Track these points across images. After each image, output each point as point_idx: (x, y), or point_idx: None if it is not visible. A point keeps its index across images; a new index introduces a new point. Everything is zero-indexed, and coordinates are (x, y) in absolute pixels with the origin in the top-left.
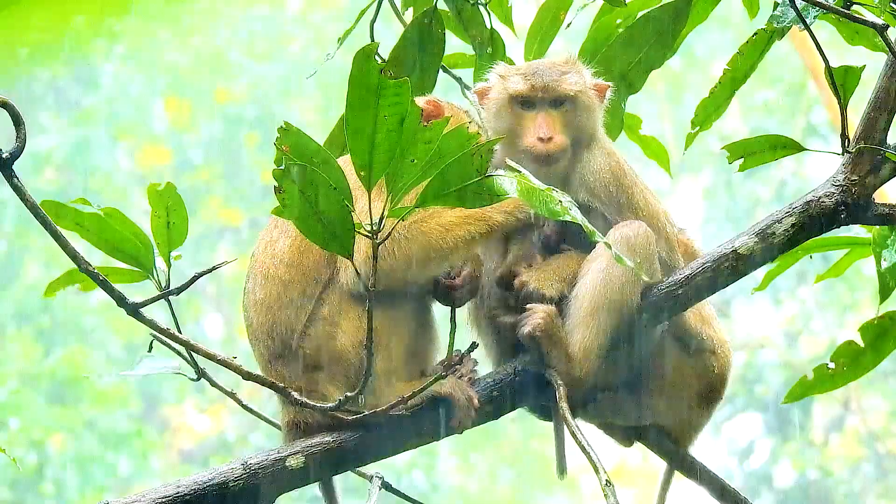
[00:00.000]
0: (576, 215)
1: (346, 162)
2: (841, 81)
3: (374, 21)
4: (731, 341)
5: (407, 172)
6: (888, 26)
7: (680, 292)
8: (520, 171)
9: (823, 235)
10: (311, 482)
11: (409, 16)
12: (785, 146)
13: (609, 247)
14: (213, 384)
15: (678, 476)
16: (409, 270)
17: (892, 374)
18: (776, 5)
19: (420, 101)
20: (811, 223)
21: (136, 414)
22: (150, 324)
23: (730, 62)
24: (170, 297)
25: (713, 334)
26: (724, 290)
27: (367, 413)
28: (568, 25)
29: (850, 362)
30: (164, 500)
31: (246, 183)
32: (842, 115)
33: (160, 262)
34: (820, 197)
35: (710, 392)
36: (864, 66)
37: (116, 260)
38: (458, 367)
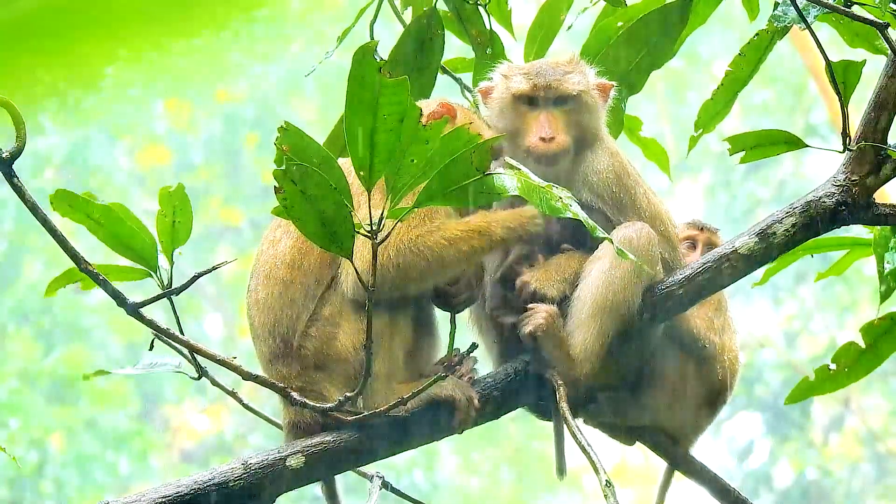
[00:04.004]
0: (577, 211)
1: (346, 162)
2: (842, 79)
3: (373, 22)
4: (738, 350)
5: (406, 172)
6: (888, 25)
7: (680, 292)
8: (520, 169)
9: (824, 235)
10: (311, 482)
11: (408, 16)
12: (786, 142)
13: (611, 241)
14: (214, 383)
15: (678, 476)
16: (414, 282)
17: (892, 374)
18: (776, 5)
19: (433, 103)
20: (812, 223)
21: (136, 414)
22: (151, 324)
23: (731, 64)
24: (170, 297)
25: (717, 340)
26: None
27: (367, 413)
28: (569, 28)
29: (852, 363)
30: (164, 499)
31: (246, 183)
32: (842, 112)
33: (163, 261)
34: (820, 197)
35: (711, 396)
36: (865, 61)
37: (121, 256)
38: (457, 367)
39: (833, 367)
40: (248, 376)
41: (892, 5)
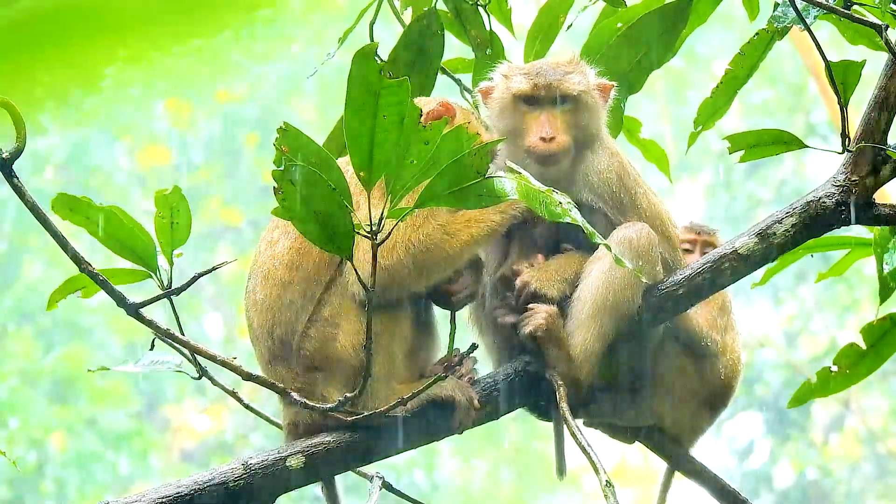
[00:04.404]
0: (576, 217)
1: (345, 163)
2: (841, 79)
3: (373, 22)
4: (741, 351)
5: (406, 173)
6: (888, 27)
7: (681, 292)
8: (520, 173)
9: (824, 235)
10: (311, 482)
11: (408, 16)
12: (786, 142)
13: (609, 249)
14: (215, 382)
15: (678, 476)
16: (425, 279)
17: (893, 373)
18: (776, 5)
19: (432, 102)
20: (812, 223)
21: (137, 413)
22: (151, 324)
23: (731, 62)
24: (170, 297)
25: (720, 340)
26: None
27: (367, 413)
28: (569, 27)
29: (852, 365)
30: (164, 499)
31: (246, 183)
32: (842, 113)
33: (162, 261)
34: (820, 197)
35: (713, 397)
36: (865, 61)
37: (121, 258)
38: (458, 367)
39: (834, 369)
40: (248, 376)
41: (892, 6)
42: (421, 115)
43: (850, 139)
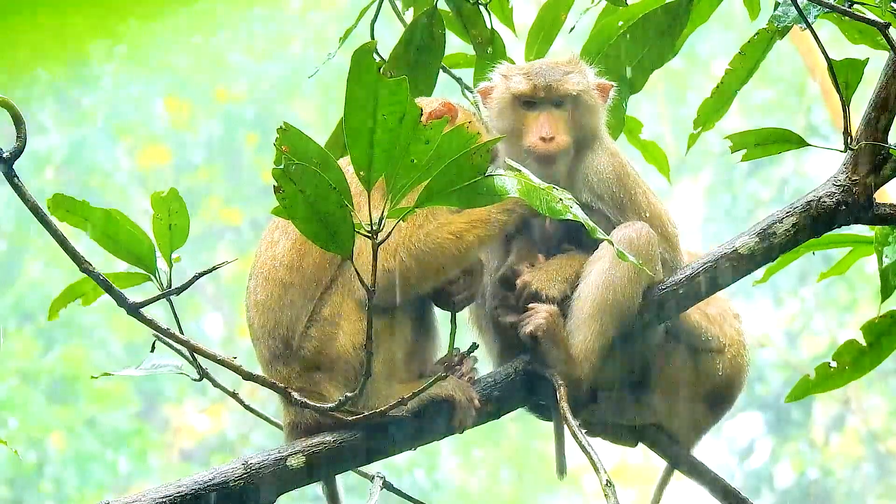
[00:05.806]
0: (577, 213)
1: (346, 163)
2: (843, 78)
3: (374, 21)
4: (743, 340)
5: (406, 172)
6: (889, 25)
7: (681, 292)
8: (520, 170)
9: (825, 234)
10: (311, 482)
11: (409, 16)
12: (788, 140)
13: (611, 242)
14: (215, 384)
15: (678, 475)
16: (430, 280)
17: (893, 373)
18: (777, 5)
19: (434, 103)
20: (812, 223)
21: (136, 413)
22: (151, 324)
23: (731, 62)
24: (170, 297)
25: (718, 333)
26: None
27: (367, 413)
28: (571, 30)
29: (852, 361)
30: (164, 499)
31: (246, 183)
32: (844, 111)
33: (161, 263)
34: (821, 197)
35: (715, 395)
36: (867, 59)
37: (120, 259)
38: (458, 367)
39: (834, 364)
40: (248, 376)
41: (892, 4)
42: (422, 115)
43: (851, 137)
